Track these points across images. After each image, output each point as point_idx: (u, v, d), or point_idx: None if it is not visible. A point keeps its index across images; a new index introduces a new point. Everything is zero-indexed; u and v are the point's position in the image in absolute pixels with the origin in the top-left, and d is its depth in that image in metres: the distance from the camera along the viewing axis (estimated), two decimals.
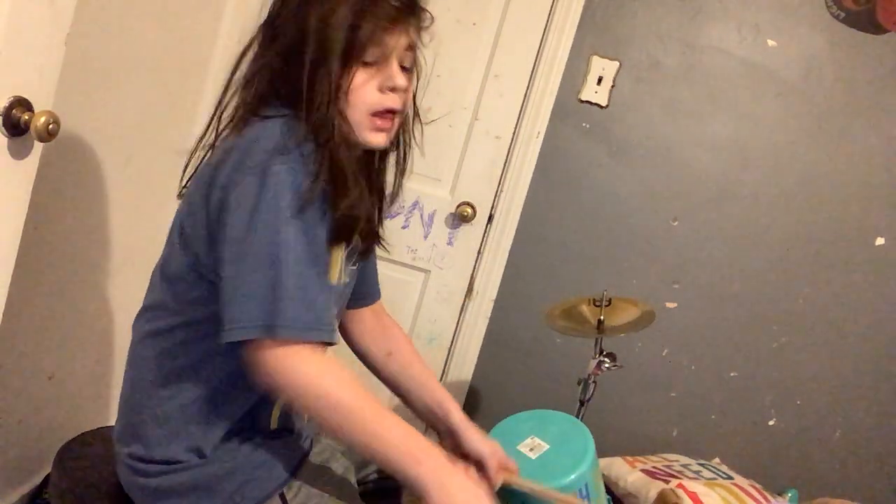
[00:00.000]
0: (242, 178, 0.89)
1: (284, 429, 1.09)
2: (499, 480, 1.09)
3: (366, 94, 0.98)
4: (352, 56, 0.96)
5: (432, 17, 1.04)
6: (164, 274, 1.03)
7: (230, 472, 1.01)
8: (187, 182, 1.06)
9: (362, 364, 1.27)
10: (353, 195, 0.96)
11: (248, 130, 0.95)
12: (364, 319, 1.26)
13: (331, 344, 0.92)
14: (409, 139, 1.14)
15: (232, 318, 0.88)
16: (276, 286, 0.87)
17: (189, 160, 1.05)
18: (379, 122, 1.02)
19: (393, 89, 1.00)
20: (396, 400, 1.26)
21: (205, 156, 1.05)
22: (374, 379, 1.26)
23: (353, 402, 0.90)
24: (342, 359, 0.96)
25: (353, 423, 0.90)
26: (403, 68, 1.02)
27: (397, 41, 0.99)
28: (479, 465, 1.11)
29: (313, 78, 0.95)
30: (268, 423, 1.06)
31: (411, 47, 1.02)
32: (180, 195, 1.08)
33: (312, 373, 0.89)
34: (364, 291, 1.24)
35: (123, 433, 1.05)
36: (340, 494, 1.09)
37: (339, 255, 1.01)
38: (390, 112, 1.02)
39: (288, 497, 1.04)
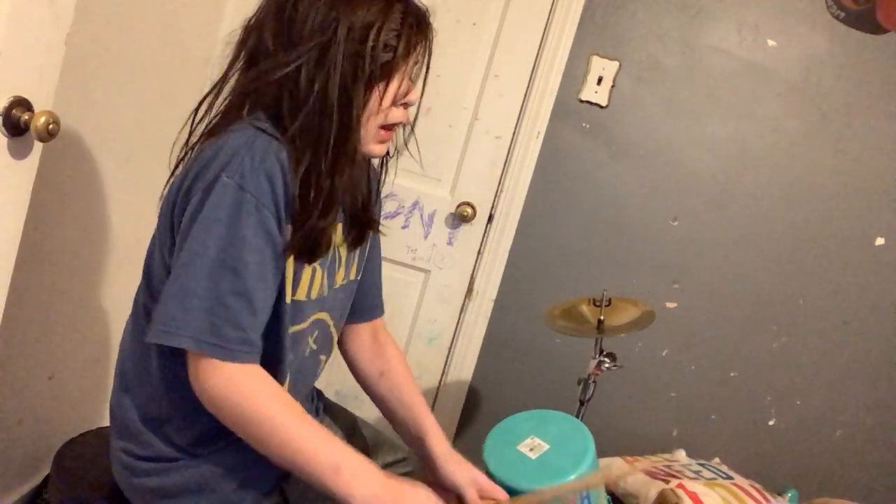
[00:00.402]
0: (201, 186, 0.89)
1: None
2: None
3: (384, 108, 1.00)
4: (382, 76, 0.97)
5: (436, 31, 1.05)
6: (144, 274, 1.04)
7: (227, 470, 1.01)
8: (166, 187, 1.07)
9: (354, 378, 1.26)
10: (329, 218, 0.97)
11: (223, 138, 0.93)
12: (361, 335, 1.26)
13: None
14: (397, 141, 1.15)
15: (158, 320, 0.88)
16: (184, 297, 0.87)
17: (179, 161, 1.04)
18: (384, 133, 1.04)
19: (406, 104, 1.03)
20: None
21: (183, 157, 1.04)
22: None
23: (275, 418, 0.89)
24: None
25: (275, 439, 0.89)
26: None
27: (416, 59, 1.02)
28: (460, 499, 1.09)
29: (335, 95, 0.94)
30: None
31: (418, 60, 1.04)
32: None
33: (222, 386, 0.89)
34: (362, 306, 1.24)
35: (115, 431, 1.05)
36: None
37: (304, 270, 1.00)
38: (396, 124, 1.04)
39: (287, 490, 1.04)
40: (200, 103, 1.04)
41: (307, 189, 0.94)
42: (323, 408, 1.26)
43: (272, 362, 0.97)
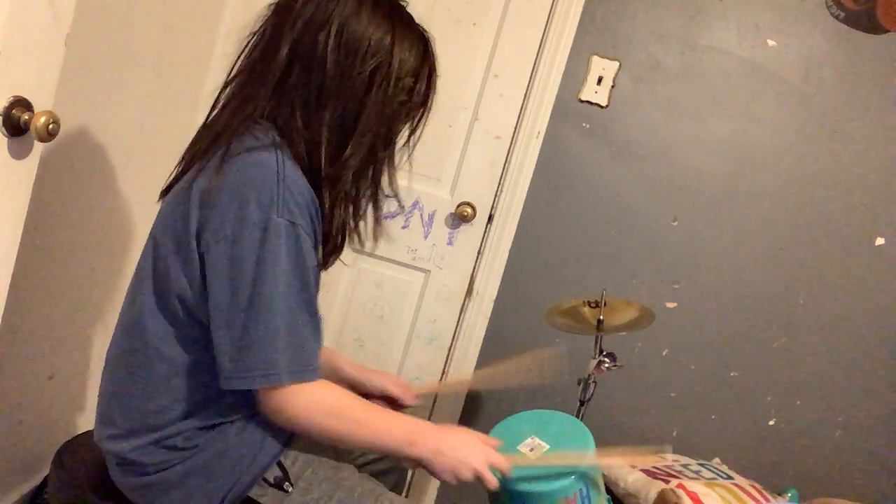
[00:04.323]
0: (248, 233, 0.93)
1: None
2: (410, 401, 1.29)
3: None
4: (411, 113, 1.09)
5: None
6: (152, 277, 1.04)
7: (223, 452, 1.02)
8: (167, 189, 1.08)
9: None
10: (341, 247, 1.09)
11: (238, 167, 0.95)
12: None
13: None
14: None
15: (257, 366, 0.94)
16: (276, 337, 0.94)
17: (193, 158, 1.05)
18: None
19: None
20: None
21: (185, 166, 1.06)
22: None
23: (350, 413, 1.01)
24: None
25: (354, 432, 1.01)
26: None
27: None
28: (391, 400, 1.28)
29: (365, 128, 1.02)
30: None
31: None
32: (160, 199, 1.09)
33: (303, 404, 0.98)
34: None
35: (112, 434, 1.05)
36: (337, 458, 1.12)
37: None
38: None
39: (286, 464, 1.05)
40: (222, 91, 1.08)
41: (330, 222, 1.05)
42: None
43: None
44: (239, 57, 1.07)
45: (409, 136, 1.13)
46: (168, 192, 1.08)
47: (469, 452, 1.04)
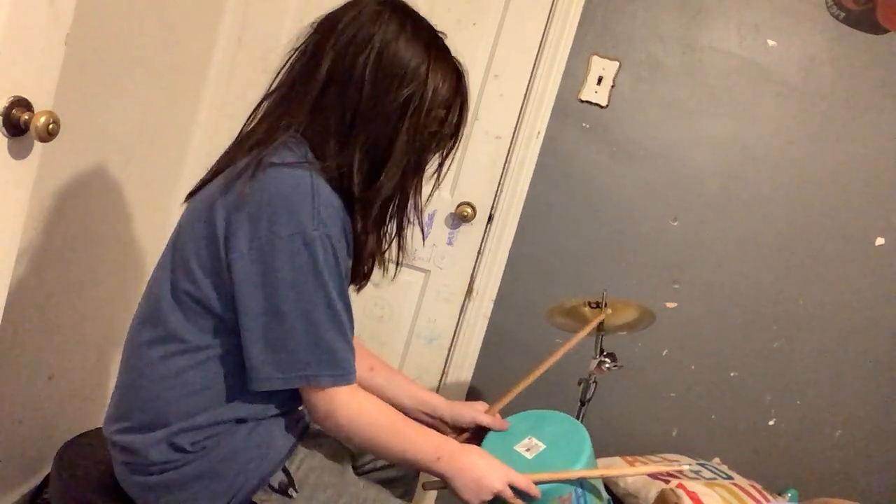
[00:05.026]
0: (283, 244, 0.95)
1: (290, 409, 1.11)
2: (500, 426, 1.28)
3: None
4: (441, 144, 1.13)
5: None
6: (164, 289, 1.04)
7: (229, 455, 1.02)
8: (196, 191, 1.09)
9: None
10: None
11: (272, 177, 0.97)
12: None
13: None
14: None
15: (296, 367, 0.98)
16: (316, 343, 0.97)
17: (222, 168, 1.07)
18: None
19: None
20: None
21: (216, 171, 1.07)
22: None
23: (388, 424, 1.06)
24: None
25: (391, 441, 1.05)
26: None
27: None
28: (482, 428, 1.28)
29: (412, 159, 1.07)
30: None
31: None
32: (186, 201, 1.10)
33: (354, 411, 1.02)
34: None
35: (123, 427, 1.06)
36: (342, 463, 1.13)
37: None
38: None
39: (291, 469, 1.06)
40: (260, 103, 1.10)
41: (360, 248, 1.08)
42: None
43: None
44: (280, 71, 1.09)
45: (439, 167, 1.15)
46: (194, 194, 1.09)
47: (490, 471, 1.07)
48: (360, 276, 1.12)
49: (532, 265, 2.16)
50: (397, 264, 1.18)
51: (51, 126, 0.90)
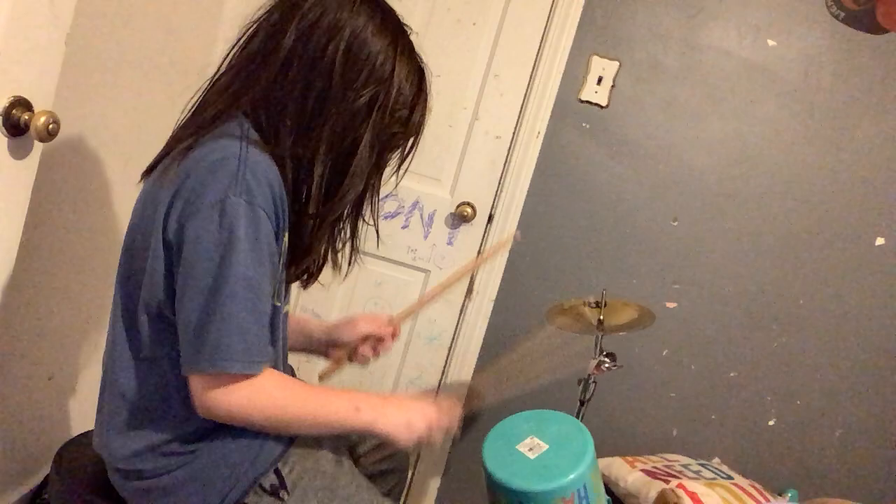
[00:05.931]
0: (199, 211, 0.90)
1: None
2: (398, 325, 1.31)
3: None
4: (401, 143, 1.09)
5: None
6: (145, 285, 1.03)
7: (220, 458, 1.02)
8: (148, 171, 1.06)
9: None
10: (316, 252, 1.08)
11: (200, 152, 0.93)
12: None
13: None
14: None
15: (209, 350, 0.91)
16: (217, 323, 0.90)
17: (162, 157, 1.03)
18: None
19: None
20: None
21: (166, 151, 1.03)
22: None
23: (294, 403, 0.99)
24: None
25: (303, 418, 1.00)
26: None
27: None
28: (376, 341, 1.30)
29: (366, 154, 1.02)
30: None
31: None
32: (141, 181, 1.08)
33: (252, 396, 0.95)
34: None
35: (111, 440, 1.05)
36: (337, 463, 1.11)
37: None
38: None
39: (284, 472, 1.05)
40: (214, 81, 1.06)
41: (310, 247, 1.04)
42: None
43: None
44: (233, 46, 1.05)
45: (399, 166, 1.13)
46: (149, 173, 1.06)
47: (413, 404, 1.07)
48: (307, 274, 1.08)
49: (532, 265, 2.16)
50: (349, 263, 1.14)
51: (51, 126, 0.91)
